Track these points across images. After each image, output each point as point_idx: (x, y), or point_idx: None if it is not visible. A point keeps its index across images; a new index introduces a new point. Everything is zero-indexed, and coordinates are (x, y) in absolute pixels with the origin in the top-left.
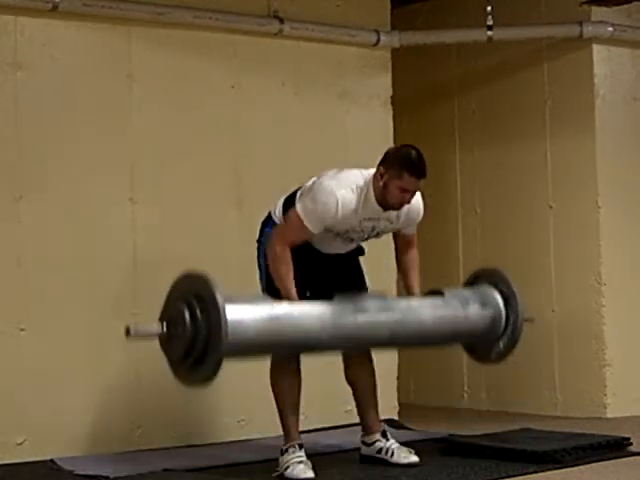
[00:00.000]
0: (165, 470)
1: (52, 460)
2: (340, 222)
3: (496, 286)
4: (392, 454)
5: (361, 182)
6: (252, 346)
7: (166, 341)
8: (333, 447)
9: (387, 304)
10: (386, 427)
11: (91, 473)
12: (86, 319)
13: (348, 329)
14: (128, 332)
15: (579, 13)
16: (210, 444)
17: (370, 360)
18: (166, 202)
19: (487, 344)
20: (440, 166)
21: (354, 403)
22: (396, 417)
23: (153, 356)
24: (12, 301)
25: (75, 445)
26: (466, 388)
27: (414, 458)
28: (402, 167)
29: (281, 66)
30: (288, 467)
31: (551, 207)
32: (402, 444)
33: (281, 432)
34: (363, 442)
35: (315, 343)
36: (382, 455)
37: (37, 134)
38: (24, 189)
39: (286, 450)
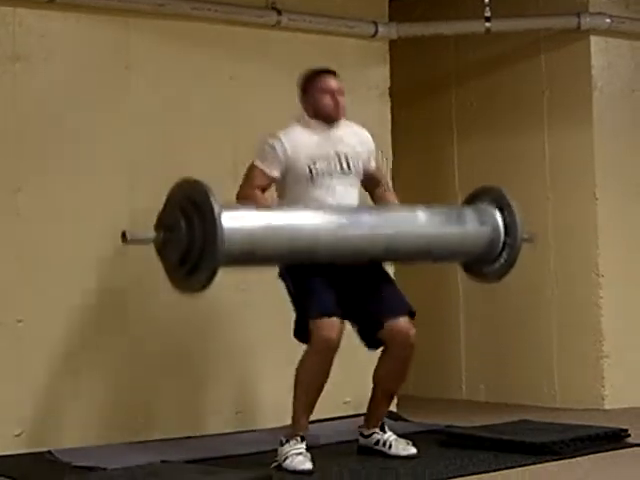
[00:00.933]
0: (163, 462)
1: (50, 451)
2: (296, 153)
3: (495, 204)
4: (390, 446)
5: (294, 120)
6: (247, 254)
7: (162, 247)
8: (331, 438)
9: (385, 215)
10: (384, 420)
11: (89, 464)
12: (84, 311)
13: (345, 239)
14: (124, 237)
15: (577, 4)
16: (208, 436)
17: (406, 372)
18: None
19: (484, 262)
20: (438, 157)
21: (353, 394)
22: (394, 409)
23: (150, 348)
24: (10, 292)
25: (73, 437)
26: (464, 380)
27: (412, 450)
28: (311, 77)
29: (279, 57)
30: (287, 458)
31: (548, 198)
32: (400, 436)
33: (279, 424)
34: (361, 433)
35: (310, 252)
36: (380, 447)
37: (35, 126)
38: (22, 181)
39: (287, 441)
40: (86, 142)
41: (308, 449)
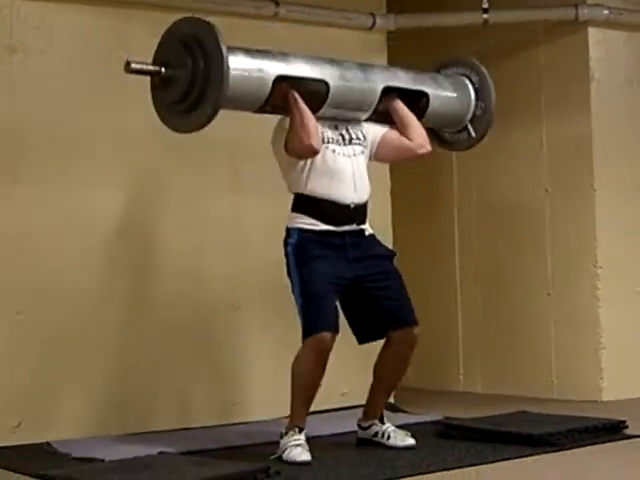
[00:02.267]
0: (161, 453)
1: (48, 443)
2: None
3: (468, 72)
4: (388, 437)
5: None
6: (248, 95)
7: (161, 84)
8: (329, 430)
9: (371, 71)
10: (383, 411)
11: (87, 456)
12: (82, 303)
13: (344, 86)
14: (128, 65)
15: None
16: (205, 427)
17: (408, 360)
18: (162, 186)
19: (458, 126)
20: (436, 150)
21: (350, 386)
22: (392, 400)
23: (148, 340)
24: (8, 285)
25: (71, 428)
26: (462, 371)
27: (410, 441)
28: None
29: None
30: (286, 450)
31: (547, 190)
32: (398, 427)
33: (276, 415)
34: (359, 425)
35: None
36: (378, 438)
37: (32, 118)
38: (19, 173)
39: (286, 433)
40: (83, 134)
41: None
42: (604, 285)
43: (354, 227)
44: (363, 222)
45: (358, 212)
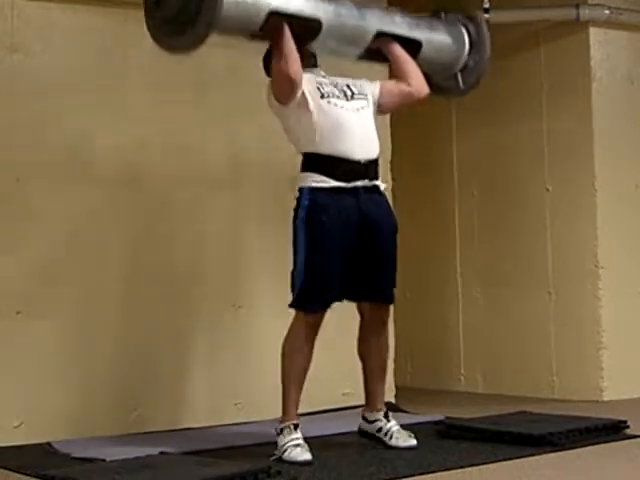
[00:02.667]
0: (162, 453)
1: (49, 443)
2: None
3: (468, 22)
4: (391, 437)
5: None
6: (242, 21)
7: (155, 2)
8: (330, 430)
9: (370, 12)
10: (387, 407)
11: (88, 456)
12: (81, 302)
13: (338, 21)
14: None
15: None
16: (207, 427)
17: (385, 336)
18: (160, 183)
19: (447, 74)
20: (437, 149)
21: (352, 386)
22: (393, 400)
23: (150, 339)
24: (8, 284)
25: (72, 428)
26: (463, 371)
27: (413, 442)
28: None
29: None
30: (286, 450)
31: (548, 190)
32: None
33: (277, 415)
34: (364, 417)
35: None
36: (381, 435)
37: (33, 117)
38: (20, 172)
39: (281, 431)
40: (84, 133)
41: (306, 440)
42: (605, 285)
43: (367, 183)
44: (376, 178)
45: (369, 168)
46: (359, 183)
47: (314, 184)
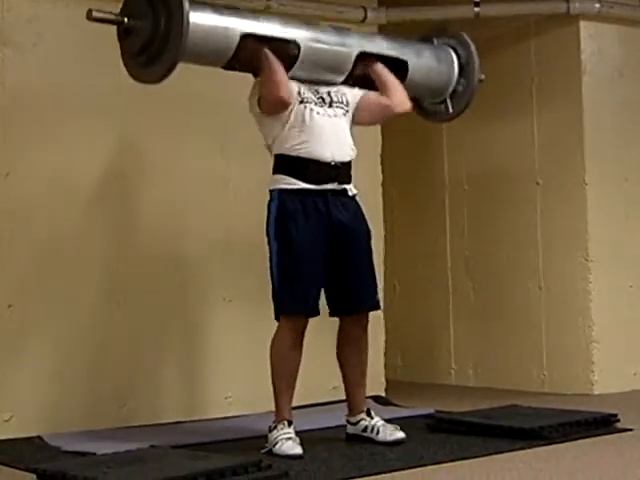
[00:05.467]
0: (152, 446)
1: (39, 436)
2: None
3: (457, 46)
4: (377, 432)
5: None
6: (212, 51)
7: (124, 33)
8: (320, 424)
9: (351, 35)
10: (371, 405)
11: (78, 449)
12: (73, 297)
13: (315, 47)
14: (90, 13)
15: None
16: (197, 421)
17: (365, 340)
18: (156, 180)
19: (436, 98)
20: (427, 143)
21: (340, 380)
22: (383, 394)
23: (141, 333)
24: (0, 278)
25: (62, 422)
26: (453, 365)
27: (400, 434)
28: None
29: None
30: (276, 443)
31: (538, 184)
32: (389, 421)
33: (268, 409)
34: (348, 421)
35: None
36: (367, 433)
37: (23, 111)
38: (11, 166)
39: (274, 427)
40: (74, 128)
41: (296, 434)
42: (595, 279)
43: (336, 186)
44: (346, 182)
45: (340, 170)
46: (329, 186)
47: (283, 186)
